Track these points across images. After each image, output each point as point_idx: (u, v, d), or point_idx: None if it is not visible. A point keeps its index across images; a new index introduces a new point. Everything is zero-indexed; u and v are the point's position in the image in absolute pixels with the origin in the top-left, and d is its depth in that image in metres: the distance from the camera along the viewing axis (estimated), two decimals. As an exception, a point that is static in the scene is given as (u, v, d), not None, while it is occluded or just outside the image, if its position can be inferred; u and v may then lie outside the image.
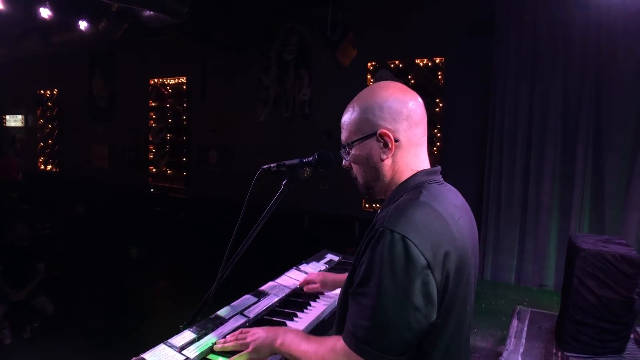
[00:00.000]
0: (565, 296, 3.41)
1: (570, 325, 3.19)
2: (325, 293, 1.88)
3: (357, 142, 1.24)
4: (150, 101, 8.84)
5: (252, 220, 1.56)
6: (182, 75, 8.41)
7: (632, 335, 3.24)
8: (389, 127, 1.20)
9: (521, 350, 3.21)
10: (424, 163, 1.25)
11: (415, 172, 1.22)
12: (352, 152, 1.26)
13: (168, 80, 8.60)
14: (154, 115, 8.85)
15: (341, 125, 1.31)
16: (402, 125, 1.20)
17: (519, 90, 5.05)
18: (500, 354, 3.20)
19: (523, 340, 3.37)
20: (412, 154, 1.23)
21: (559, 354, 3.19)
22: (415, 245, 1.02)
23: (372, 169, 1.24)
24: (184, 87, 8.42)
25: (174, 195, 8.52)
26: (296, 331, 1.35)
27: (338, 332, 1.23)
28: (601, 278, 3.10)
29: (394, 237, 1.03)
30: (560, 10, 4.77)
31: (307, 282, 1.88)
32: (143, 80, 8.85)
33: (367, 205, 6.64)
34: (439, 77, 5.95)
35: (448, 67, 5.89)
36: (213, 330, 1.46)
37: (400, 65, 6.23)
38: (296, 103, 7.09)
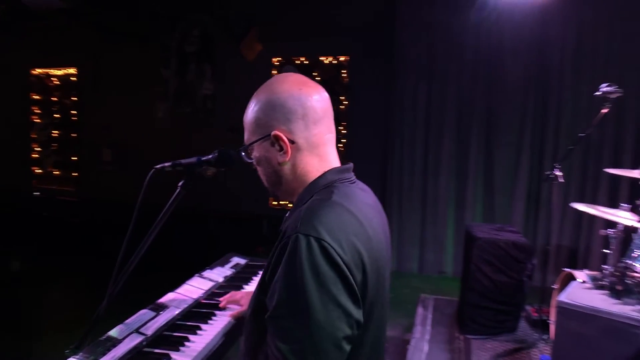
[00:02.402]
0: (465, 282, 3.63)
1: (469, 309, 3.40)
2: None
3: (255, 144, 1.14)
4: (33, 94, 7.95)
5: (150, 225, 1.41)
6: (70, 65, 7.65)
7: (522, 314, 3.54)
8: (283, 127, 1.10)
9: (427, 337, 3.36)
10: (332, 162, 1.17)
11: (323, 172, 1.14)
12: (253, 153, 1.16)
13: (54, 71, 7.79)
14: (37, 110, 7.97)
15: (243, 123, 1.20)
16: (298, 125, 1.10)
17: (418, 90, 5.26)
18: (408, 342, 3.31)
19: (429, 327, 3.53)
20: (314, 155, 1.14)
21: (461, 337, 3.38)
22: (334, 248, 0.94)
23: (273, 172, 1.15)
24: (73, 78, 7.68)
25: (63, 198, 7.76)
26: None
27: (245, 354, 1.14)
28: (495, 264, 3.34)
29: (310, 242, 0.93)
30: (455, 14, 5.02)
31: (230, 302, 1.69)
32: (24, 71, 7.93)
33: (274, 203, 6.57)
34: (344, 75, 6.04)
35: (352, 65, 5.99)
36: (104, 354, 1.29)
37: (306, 62, 6.22)
38: (198, 98, 6.80)
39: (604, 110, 3.20)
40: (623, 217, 2.79)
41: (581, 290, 2.42)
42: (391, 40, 5.38)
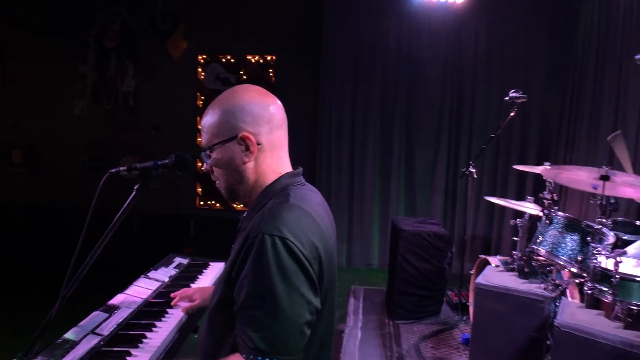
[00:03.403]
0: (392, 272, 3.90)
1: (397, 296, 3.68)
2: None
3: (218, 145, 1.22)
4: None
5: (79, 229, 1.40)
6: (-31, 58, 7.00)
7: (444, 299, 3.88)
8: (251, 130, 1.20)
9: (360, 325, 3.58)
10: (286, 165, 1.30)
11: (279, 174, 1.25)
12: (213, 155, 1.24)
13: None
14: None
15: (201, 127, 1.28)
16: (264, 128, 1.22)
17: (344, 92, 5.48)
18: (343, 331, 3.50)
19: (360, 316, 3.76)
20: (274, 157, 1.26)
21: (391, 323, 3.65)
22: (296, 245, 1.07)
23: (235, 172, 1.24)
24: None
25: (-35, 203, 7.09)
26: None
27: (210, 347, 1.22)
28: (420, 253, 3.64)
29: (275, 241, 1.06)
30: (379, 21, 5.31)
31: (183, 298, 1.73)
32: None
33: (202, 203, 6.49)
34: (271, 74, 6.11)
35: (279, 65, 6.08)
36: (63, 356, 1.30)
37: (232, 61, 6.21)
38: (119, 95, 6.53)
39: (512, 114, 3.60)
40: (528, 208, 3.17)
41: (495, 273, 2.74)
42: (318, 42, 5.55)
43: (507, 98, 3.56)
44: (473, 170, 3.86)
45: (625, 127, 4.02)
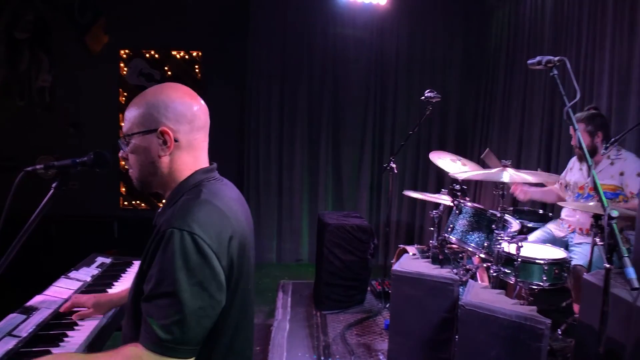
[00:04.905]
0: (319, 265, 4.04)
1: (324, 288, 3.82)
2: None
3: (137, 135, 1.27)
4: None
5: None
6: None
7: (368, 288, 4.08)
8: (171, 126, 1.25)
9: (288, 318, 3.68)
10: (203, 164, 1.35)
11: (193, 171, 1.31)
12: (132, 142, 1.28)
13: None
14: None
15: (124, 117, 1.32)
16: (184, 127, 1.27)
17: (271, 90, 5.53)
18: (271, 325, 3.58)
19: (289, 309, 3.86)
20: (191, 156, 1.31)
21: (318, 314, 3.78)
22: (203, 240, 1.12)
23: (150, 163, 1.28)
24: None
25: None
26: (68, 354, 1.33)
27: (132, 340, 1.24)
28: (344, 246, 3.81)
29: (183, 235, 1.11)
30: (306, 20, 5.42)
31: (73, 307, 1.67)
32: None
33: (126, 203, 6.28)
34: (197, 70, 6.02)
35: (205, 61, 6.00)
36: (-23, 358, 1.28)
37: (156, 56, 6.05)
38: (33, 90, 6.15)
39: (428, 112, 3.86)
40: (442, 199, 3.42)
41: (410, 261, 2.95)
42: (245, 38, 5.54)
43: (423, 97, 3.81)
44: (394, 165, 4.08)
45: (531, 126, 4.44)
